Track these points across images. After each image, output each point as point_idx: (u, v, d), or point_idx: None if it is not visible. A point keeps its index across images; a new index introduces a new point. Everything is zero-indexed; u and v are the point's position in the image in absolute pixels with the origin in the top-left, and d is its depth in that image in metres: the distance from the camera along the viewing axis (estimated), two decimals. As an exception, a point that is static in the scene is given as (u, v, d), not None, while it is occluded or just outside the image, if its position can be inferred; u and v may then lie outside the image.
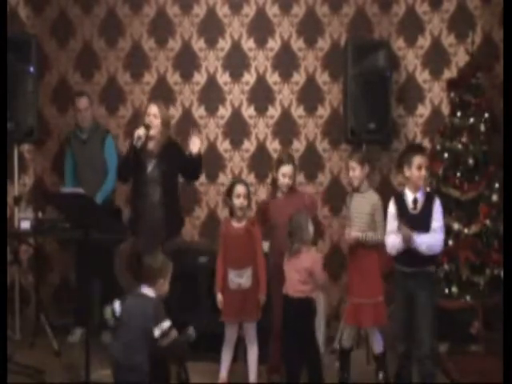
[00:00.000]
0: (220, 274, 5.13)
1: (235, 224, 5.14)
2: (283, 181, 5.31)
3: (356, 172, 5.15)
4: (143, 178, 5.30)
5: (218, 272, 5.16)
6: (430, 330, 4.68)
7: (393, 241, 4.75)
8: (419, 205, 4.72)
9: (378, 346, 5.19)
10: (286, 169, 5.32)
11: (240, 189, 5.10)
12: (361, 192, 5.18)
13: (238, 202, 5.08)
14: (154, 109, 5.38)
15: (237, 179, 6.00)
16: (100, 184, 6.26)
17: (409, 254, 4.67)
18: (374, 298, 5.05)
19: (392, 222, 4.79)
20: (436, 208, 4.70)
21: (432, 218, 4.67)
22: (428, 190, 5.83)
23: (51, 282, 6.95)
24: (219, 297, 5.13)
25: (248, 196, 5.16)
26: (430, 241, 4.64)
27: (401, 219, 4.69)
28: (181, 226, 5.63)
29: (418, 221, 4.66)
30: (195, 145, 5.28)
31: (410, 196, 4.75)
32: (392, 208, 4.83)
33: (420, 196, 4.75)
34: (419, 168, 4.70)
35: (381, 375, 5.19)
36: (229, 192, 5.17)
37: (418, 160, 4.71)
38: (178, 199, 5.54)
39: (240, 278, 5.06)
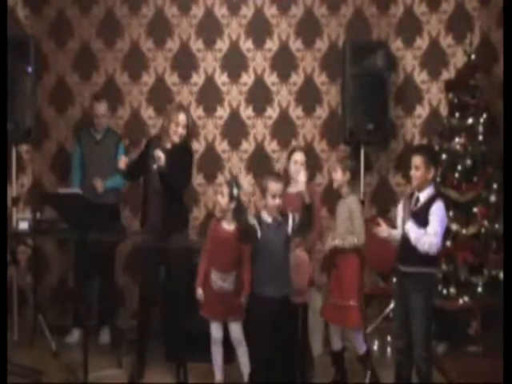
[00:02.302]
0: (202, 270, 5.12)
1: (225, 226, 5.11)
2: (295, 168, 5.32)
3: (337, 175, 5.15)
4: (153, 176, 5.28)
5: (200, 267, 5.15)
6: (422, 332, 4.65)
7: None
8: (420, 204, 4.71)
9: (360, 346, 5.19)
10: (298, 156, 5.38)
11: (224, 189, 5.10)
12: (343, 198, 5.18)
13: (222, 201, 5.09)
14: (183, 118, 5.34)
15: (228, 180, 6.00)
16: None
17: (407, 252, 4.67)
18: (345, 301, 5.03)
19: (398, 217, 4.85)
20: (433, 210, 4.63)
21: (428, 220, 4.62)
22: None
23: (49, 283, 6.95)
24: (199, 291, 5.11)
25: (231, 197, 5.06)
26: (419, 235, 4.58)
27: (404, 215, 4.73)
28: (187, 224, 5.62)
29: (415, 218, 4.66)
30: None
31: (415, 194, 4.75)
32: (400, 204, 4.86)
33: (423, 196, 4.71)
34: (415, 168, 4.71)
35: (368, 375, 5.20)
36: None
37: (414, 160, 4.73)
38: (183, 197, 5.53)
39: (223, 282, 5.04)
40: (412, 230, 4.61)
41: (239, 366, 5.16)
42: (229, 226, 5.08)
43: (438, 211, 4.63)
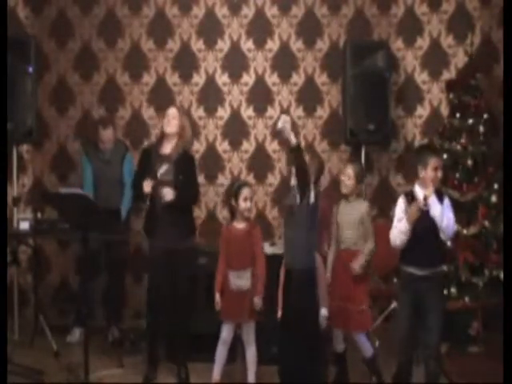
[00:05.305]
0: (220, 275, 5.14)
1: (237, 225, 5.15)
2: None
3: (350, 180, 5.11)
4: (158, 190, 5.25)
5: (218, 273, 5.16)
6: (439, 333, 4.64)
7: (399, 227, 4.62)
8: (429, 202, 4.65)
9: (366, 350, 5.15)
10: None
11: (246, 192, 5.09)
12: (349, 201, 5.14)
13: (245, 205, 5.08)
14: (172, 111, 5.41)
15: (242, 182, 5.85)
16: (117, 195, 6.22)
17: (419, 252, 4.58)
18: (358, 306, 5.00)
19: (400, 216, 4.67)
20: (445, 206, 4.61)
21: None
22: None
23: (50, 283, 6.94)
24: (217, 297, 5.12)
25: (252, 198, 5.19)
26: (446, 214, 4.54)
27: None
28: (193, 230, 5.61)
29: (427, 217, 4.56)
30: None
31: (420, 193, 4.62)
32: (401, 203, 4.71)
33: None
34: (435, 169, 4.61)
35: (374, 379, 5.18)
36: (235, 195, 5.10)
37: (434, 162, 4.63)
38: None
39: (240, 280, 5.06)
40: (437, 206, 4.53)
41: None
42: (240, 225, 5.14)
43: (448, 206, 4.65)
